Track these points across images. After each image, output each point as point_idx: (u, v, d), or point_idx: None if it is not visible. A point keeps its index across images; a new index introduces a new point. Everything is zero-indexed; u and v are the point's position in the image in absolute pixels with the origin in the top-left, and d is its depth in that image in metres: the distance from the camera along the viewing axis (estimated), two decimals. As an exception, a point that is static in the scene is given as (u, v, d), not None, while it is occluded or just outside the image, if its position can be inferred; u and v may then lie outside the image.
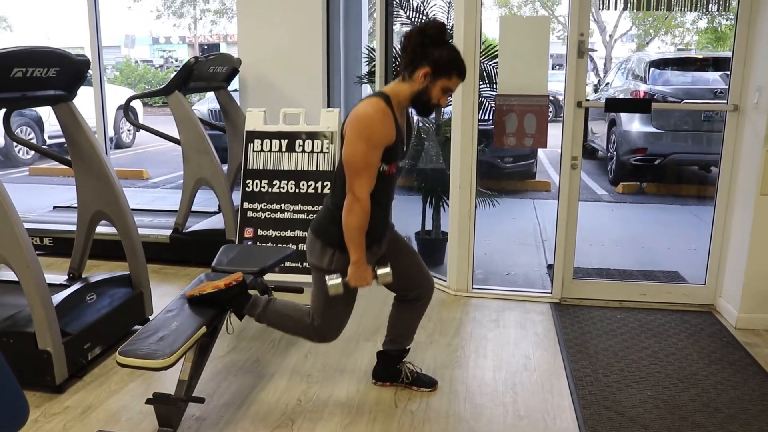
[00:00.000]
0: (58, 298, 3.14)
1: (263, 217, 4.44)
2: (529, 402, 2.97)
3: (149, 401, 2.58)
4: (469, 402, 2.96)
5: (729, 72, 3.86)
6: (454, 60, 2.53)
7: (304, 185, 4.39)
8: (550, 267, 4.52)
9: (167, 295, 4.08)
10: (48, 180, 9.22)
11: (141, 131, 11.01)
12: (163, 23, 29.03)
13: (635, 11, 19.77)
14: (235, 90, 5.37)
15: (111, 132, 11.02)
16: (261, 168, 4.47)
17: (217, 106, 5.49)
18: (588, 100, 3.99)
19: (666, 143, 7.61)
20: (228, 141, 5.31)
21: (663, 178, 8.19)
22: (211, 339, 2.84)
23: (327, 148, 4.37)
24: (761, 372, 3.26)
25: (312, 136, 4.41)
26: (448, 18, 4.70)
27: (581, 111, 3.94)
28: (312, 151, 4.39)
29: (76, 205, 3.68)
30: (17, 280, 2.89)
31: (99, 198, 3.50)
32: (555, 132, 4.11)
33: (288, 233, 4.39)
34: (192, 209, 4.99)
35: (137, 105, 12.12)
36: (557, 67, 10.57)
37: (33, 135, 10.24)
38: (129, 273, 3.64)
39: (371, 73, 5.01)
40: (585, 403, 2.93)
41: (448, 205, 4.39)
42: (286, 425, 2.75)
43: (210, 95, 9.39)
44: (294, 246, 4.29)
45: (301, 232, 4.36)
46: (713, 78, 8.00)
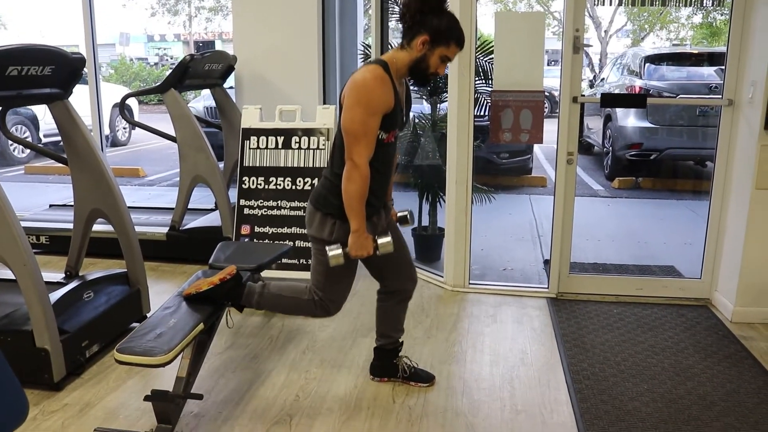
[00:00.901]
0: (55, 296, 3.13)
1: (260, 214, 4.44)
2: (527, 396, 2.99)
3: (147, 398, 2.58)
4: (467, 397, 2.97)
5: (724, 67, 3.88)
6: (452, 28, 2.52)
7: (300, 182, 4.39)
8: (546, 262, 4.53)
9: (164, 293, 4.08)
10: (44, 178, 9.20)
11: (137, 129, 11.00)
12: (158, 21, 28.96)
13: (630, 7, 19.79)
14: (231, 87, 5.36)
15: (107, 130, 10.99)
16: (257, 165, 4.47)
17: (213, 103, 5.49)
18: (583, 95, 4.00)
19: (661, 138, 7.63)
20: (224, 138, 5.31)
21: (658, 173, 8.22)
22: (209, 335, 2.84)
23: (323, 144, 4.37)
24: (757, 365, 3.28)
25: (308, 132, 4.41)
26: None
27: (577, 106, 3.95)
28: (308, 148, 4.39)
29: (72, 204, 3.68)
30: (14, 278, 2.89)
31: (95, 196, 3.50)
32: (551, 127, 4.12)
33: (285, 230, 4.39)
34: (188, 207, 4.99)
35: (133, 103, 12.10)
36: (553, 63, 10.59)
37: (28, 133, 10.22)
38: (126, 271, 3.64)
39: (367, 70, 5.00)
40: (582, 397, 2.95)
41: (444, 201, 4.40)
42: (284, 421, 2.76)
43: (206, 92, 9.40)
44: (291, 243, 4.30)
45: (298, 228, 4.36)
46: (708, 73, 8.01)
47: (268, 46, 5.06)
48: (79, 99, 3.69)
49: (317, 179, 4.33)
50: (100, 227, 3.82)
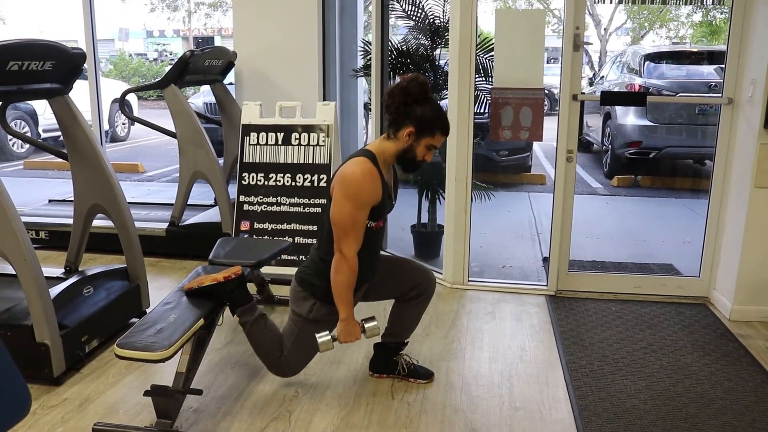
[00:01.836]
0: (55, 291, 3.14)
1: (259, 210, 4.44)
2: (525, 393, 2.99)
3: (147, 393, 2.59)
4: (466, 393, 2.98)
5: (723, 65, 3.88)
6: (437, 118, 2.60)
7: (300, 178, 4.39)
8: (545, 260, 4.54)
9: (164, 288, 4.08)
10: (43, 173, 9.19)
11: (136, 125, 11.00)
12: (157, 16, 29.00)
13: (630, 5, 19.78)
14: (231, 83, 5.36)
15: (106, 125, 10.98)
16: (257, 161, 4.47)
17: (213, 99, 5.48)
18: (583, 93, 4.00)
19: (661, 136, 7.64)
20: (224, 134, 5.31)
21: (658, 171, 8.22)
22: (209, 331, 2.85)
23: (323, 141, 4.38)
24: (754, 363, 3.29)
25: (308, 129, 4.41)
26: (443, 11, 4.70)
27: (576, 104, 3.96)
28: (308, 144, 4.40)
29: (71, 199, 3.68)
30: (14, 273, 2.89)
31: (95, 191, 3.50)
32: (550, 125, 4.13)
33: (284, 226, 4.40)
34: (188, 202, 4.99)
35: (132, 98, 12.08)
36: (552, 61, 10.59)
37: (27, 128, 10.21)
38: (126, 266, 3.65)
39: (367, 67, 5.01)
40: (580, 395, 2.96)
41: (444, 198, 4.41)
42: (283, 417, 2.77)
43: (205, 89, 9.39)
44: (290, 239, 4.31)
45: (298, 225, 4.37)
46: (708, 71, 8.01)
47: (268, 42, 5.06)
48: (79, 94, 3.68)
49: (317, 175, 4.35)
50: (99, 222, 3.82)
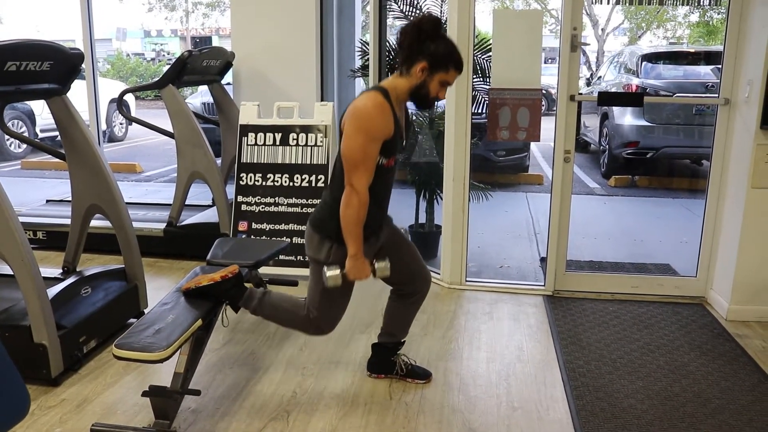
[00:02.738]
0: (53, 291, 3.14)
1: (257, 211, 4.45)
2: (523, 393, 3.00)
3: (145, 394, 2.59)
4: (463, 393, 2.99)
5: (720, 66, 3.89)
6: (450, 53, 2.53)
7: (298, 179, 4.40)
8: (543, 260, 4.55)
9: (162, 289, 4.08)
10: (40, 174, 9.18)
11: (133, 125, 10.98)
12: (155, 16, 28.95)
13: (627, 5, 19.80)
14: (229, 83, 5.36)
15: (104, 125, 10.98)
16: (255, 161, 4.47)
17: (211, 99, 5.48)
18: (581, 93, 4.01)
19: (658, 137, 7.65)
20: (222, 134, 5.31)
21: (655, 171, 8.24)
22: (207, 332, 2.84)
23: (321, 141, 4.38)
24: (751, 363, 3.30)
25: (306, 129, 4.41)
26: (441, 11, 4.71)
27: (574, 104, 3.96)
28: (306, 145, 4.40)
29: (69, 199, 3.68)
30: (12, 273, 2.89)
31: (93, 191, 3.50)
32: (548, 125, 4.13)
33: (282, 226, 4.40)
34: (186, 203, 4.99)
35: (130, 98, 12.07)
36: (550, 61, 10.60)
37: (25, 128, 10.19)
38: (124, 266, 3.65)
39: (365, 67, 5.01)
40: (578, 394, 2.96)
41: (441, 199, 4.41)
42: (281, 417, 2.77)
43: (203, 89, 9.39)
44: (288, 239, 4.31)
45: (295, 225, 4.37)
46: (705, 72, 8.03)
47: (266, 42, 5.06)
48: (77, 94, 3.68)
49: (315, 176, 4.35)
50: (97, 223, 3.81)
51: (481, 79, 4.68)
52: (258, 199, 4.45)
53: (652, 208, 7.23)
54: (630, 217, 6.82)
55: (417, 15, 4.76)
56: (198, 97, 9.88)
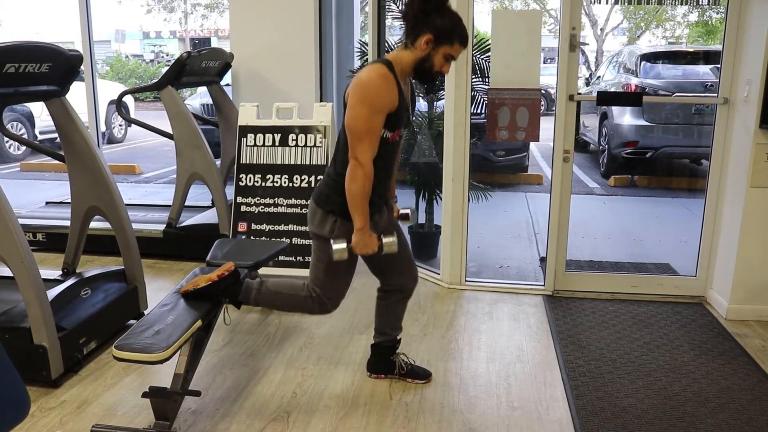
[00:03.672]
0: (53, 293, 3.14)
1: (257, 212, 4.45)
2: (523, 393, 3.00)
3: (145, 395, 2.59)
4: (463, 393, 2.99)
5: (719, 65, 3.89)
6: (455, 26, 2.51)
7: (297, 179, 4.40)
8: (542, 260, 4.55)
9: (162, 290, 4.08)
10: (40, 176, 9.18)
11: (133, 126, 10.98)
12: (154, 18, 28.99)
13: (626, 5, 19.81)
14: (228, 84, 5.37)
15: (103, 127, 10.98)
16: (254, 162, 4.47)
17: (210, 100, 5.48)
18: (580, 93, 4.01)
19: (657, 136, 7.65)
20: (221, 135, 5.31)
21: (654, 170, 8.24)
22: (207, 333, 2.85)
23: (320, 142, 4.38)
24: (751, 362, 3.30)
25: (305, 130, 4.42)
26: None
27: (573, 104, 3.97)
28: (305, 146, 4.40)
29: (68, 201, 3.68)
30: (12, 275, 2.89)
31: (93, 193, 3.50)
32: (547, 125, 4.13)
33: (282, 227, 4.40)
34: (185, 204, 4.99)
35: (129, 100, 12.07)
36: (549, 61, 10.61)
37: (24, 130, 10.19)
38: (123, 268, 3.65)
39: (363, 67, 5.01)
40: (578, 394, 2.96)
41: (441, 199, 4.41)
42: (281, 418, 2.77)
43: (202, 90, 9.39)
44: (288, 240, 4.31)
45: (295, 226, 4.37)
46: (704, 71, 8.03)
47: (265, 43, 5.06)
48: (76, 96, 3.68)
49: (314, 176, 4.35)
50: (97, 224, 3.82)
51: (480, 79, 4.68)
52: (257, 200, 4.45)
53: (651, 207, 7.23)
54: (629, 217, 6.82)
55: None
56: (197, 99, 9.88)
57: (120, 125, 12.45)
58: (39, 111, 10.20)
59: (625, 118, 7.77)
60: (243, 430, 2.68)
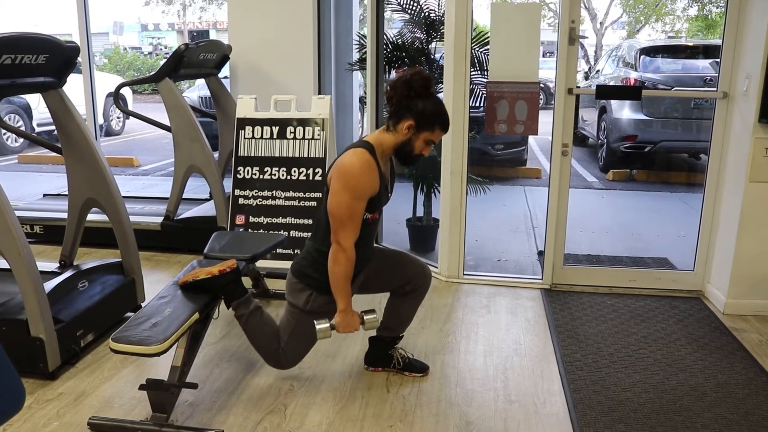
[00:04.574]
0: (50, 285, 3.14)
1: (255, 204, 4.44)
2: (520, 386, 3.00)
3: (142, 387, 2.59)
4: (461, 387, 2.99)
5: (719, 59, 3.88)
6: (437, 113, 2.60)
7: (295, 172, 4.39)
8: (540, 253, 4.55)
9: (159, 282, 4.08)
10: (37, 168, 9.16)
11: (131, 119, 10.96)
12: (152, 10, 28.85)
13: (626, -2, 19.77)
14: (226, 77, 5.35)
15: (101, 119, 10.95)
16: (252, 155, 4.47)
17: (208, 93, 5.47)
18: (579, 87, 4.00)
19: (656, 130, 7.65)
20: (219, 128, 5.30)
21: (653, 165, 8.24)
22: (204, 325, 2.85)
23: (318, 134, 4.37)
24: (748, 357, 3.31)
25: (303, 122, 4.41)
26: (439, 4, 4.70)
27: (572, 98, 3.96)
28: (303, 138, 4.39)
29: (66, 193, 3.67)
30: (9, 267, 2.88)
31: (90, 185, 3.49)
32: (546, 119, 4.12)
33: (279, 220, 4.39)
34: (183, 196, 4.98)
35: (127, 92, 12.03)
36: (548, 54, 10.58)
37: (21, 122, 10.17)
38: (120, 260, 3.64)
39: (362, 60, 5.00)
40: (575, 388, 2.97)
41: (439, 192, 4.41)
42: (279, 410, 2.77)
43: (200, 82, 9.36)
44: (285, 233, 4.30)
45: (293, 219, 4.37)
46: (703, 65, 8.03)
47: (263, 35, 5.05)
48: (73, 88, 3.67)
49: (312, 169, 4.34)
50: (94, 217, 3.81)
51: (479, 73, 4.67)
52: (255, 193, 4.44)
53: (649, 201, 7.23)
54: (628, 211, 6.82)
55: (418, 13, 4.74)
56: (195, 91, 9.85)
57: (118, 117, 12.42)
58: (36, 103, 10.17)
59: (624, 112, 7.76)
60: (240, 422, 2.68)
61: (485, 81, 4.27)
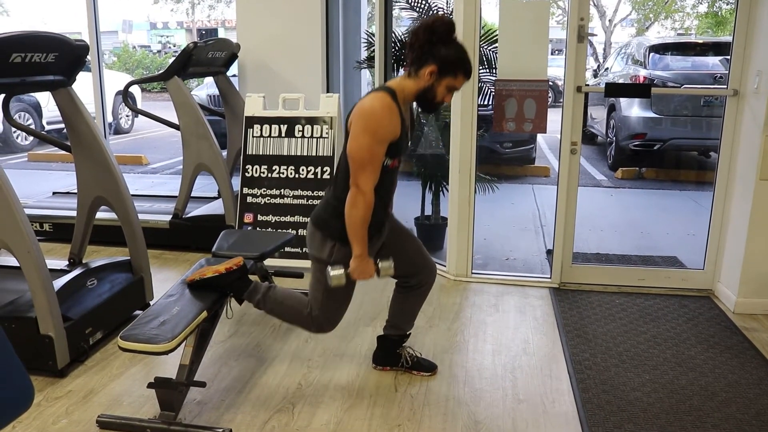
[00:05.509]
0: (59, 283, 3.15)
1: (263, 203, 4.44)
2: (528, 386, 2.99)
3: (151, 385, 2.60)
4: (469, 386, 2.98)
5: (729, 57, 3.86)
6: (460, 59, 2.52)
7: (303, 170, 4.39)
8: (549, 252, 4.53)
9: (167, 281, 4.09)
10: (47, 166, 9.20)
11: (139, 117, 11.00)
12: (161, 8, 28.95)
13: (635, -4, 19.69)
14: (234, 75, 5.35)
15: (110, 117, 10.98)
16: (260, 153, 4.47)
17: (216, 91, 5.48)
18: (588, 85, 3.98)
19: (665, 128, 7.61)
20: (227, 126, 5.30)
21: (662, 163, 8.20)
22: (212, 324, 2.85)
23: (326, 133, 4.37)
24: (759, 356, 3.28)
25: (311, 121, 4.40)
26: (447, 3, 4.68)
27: (581, 96, 3.94)
28: (312, 137, 4.39)
29: (75, 191, 3.69)
30: (18, 265, 2.90)
31: (99, 183, 3.50)
32: (554, 117, 4.11)
33: (288, 218, 4.39)
34: (192, 195, 4.99)
35: (136, 90, 12.07)
36: (557, 52, 10.55)
37: (31, 121, 10.22)
38: (129, 258, 3.65)
39: (370, 58, 4.99)
40: (584, 387, 2.96)
41: (447, 191, 4.40)
42: (286, 409, 2.77)
43: (209, 80, 9.38)
44: (294, 231, 4.30)
45: (301, 217, 4.37)
46: (713, 63, 7.97)
47: (271, 34, 5.05)
48: (82, 86, 3.68)
49: (320, 168, 4.34)
50: (103, 215, 3.82)
51: (488, 71, 4.66)
52: (263, 191, 4.45)
53: (659, 200, 7.20)
54: (637, 210, 6.79)
55: (427, 11, 4.74)
56: (203, 89, 9.87)
57: (127, 116, 12.46)
58: (46, 101, 10.22)
59: (633, 110, 7.72)
60: (248, 421, 2.68)
61: (494, 79, 4.26)
